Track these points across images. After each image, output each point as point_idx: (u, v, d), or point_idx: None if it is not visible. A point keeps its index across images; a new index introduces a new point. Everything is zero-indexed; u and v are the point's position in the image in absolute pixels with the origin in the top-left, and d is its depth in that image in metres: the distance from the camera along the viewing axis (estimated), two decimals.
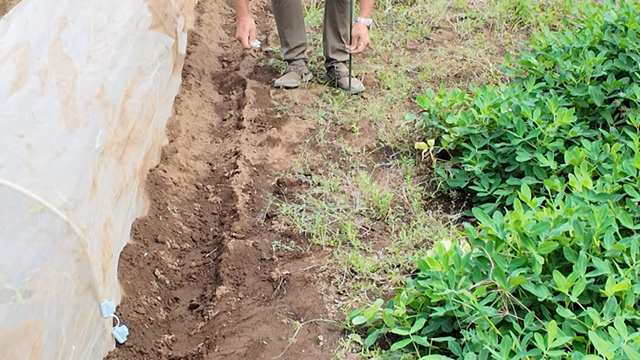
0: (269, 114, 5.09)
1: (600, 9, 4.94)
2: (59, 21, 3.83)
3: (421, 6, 6.92)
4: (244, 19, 5.30)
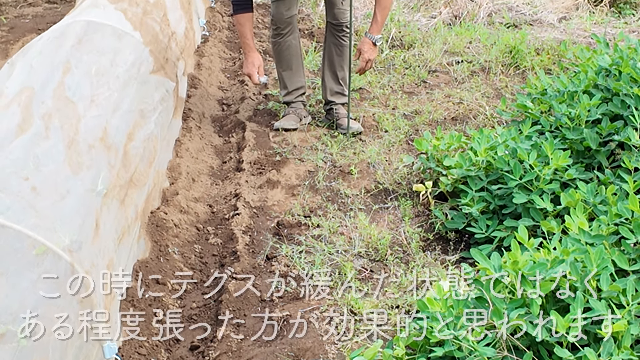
0: (269, 156, 5.14)
1: (594, 54, 5.02)
2: (63, 65, 3.90)
3: (418, 50, 7.01)
4: (251, 55, 5.37)
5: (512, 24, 7.87)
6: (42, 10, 8.40)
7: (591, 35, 6.49)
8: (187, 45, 6.34)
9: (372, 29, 5.24)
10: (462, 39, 7.23)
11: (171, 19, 5.91)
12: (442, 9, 8.14)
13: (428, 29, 7.65)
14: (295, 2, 5.45)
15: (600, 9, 8.21)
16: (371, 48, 5.27)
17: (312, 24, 7.80)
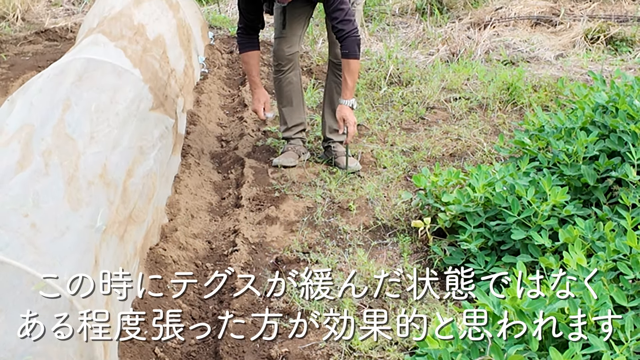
0: (267, 192, 5.16)
1: (591, 91, 5.05)
2: (63, 103, 3.92)
3: (416, 87, 7.05)
4: (258, 91, 5.42)
5: (510, 61, 7.92)
6: (42, 48, 8.45)
7: (588, 72, 6.53)
8: (187, 82, 6.38)
9: (345, 95, 5.19)
10: (460, 76, 7.27)
11: (171, 57, 5.95)
12: (439, 47, 8.19)
13: (426, 66, 7.69)
14: (297, 40, 5.49)
15: (597, 46, 8.26)
16: (351, 113, 5.23)
17: (310, 61, 7.85)
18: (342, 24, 5.03)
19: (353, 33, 5.05)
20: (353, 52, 5.08)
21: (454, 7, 9.59)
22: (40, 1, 10.14)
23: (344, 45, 5.08)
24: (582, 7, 9.43)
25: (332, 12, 5.04)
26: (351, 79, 5.15)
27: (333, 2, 5.02)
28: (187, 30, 6.98)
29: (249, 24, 5.29)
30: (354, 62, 5.10)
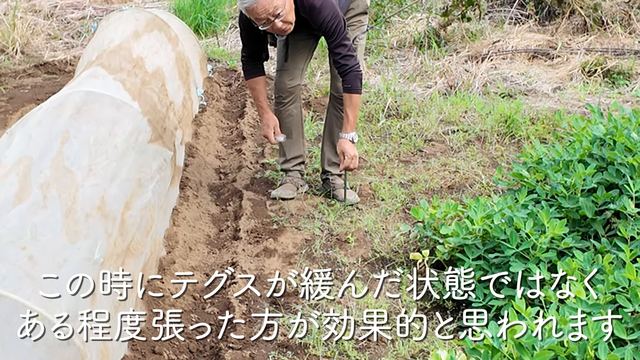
0: (266, 224, 5.15)
1: (589, 123, 5.06)
2: (61, 135, 3.93)
3: (414, 119, 7.07)
4: (267, 116, 5.44)
5: (507, 93, 7.95)
6: (41, 81, 8.48)
7: (585, 105, 6.56)
8: (185, 115, 6.40)
9: (346, 129, 5.21)
10: (458, 109, 7.29)
11: (169, 89, 5.97)
12: (437, 79, 8.23)
13: (424, 98, 7.72)
14: (299, 73, 5.51)
15: (594, 79, 8.30)
16: (351, 147, 5.24)
17: (308, 94, 7.88)
18: (345, 59, 5.05)
19: (355, 68, 5.08)
20: (355, 87, 5.10)
21: (451, 41, 9.64)
22: (39, 35, 10.19)
23: (346, 79, 5.10)
24: (578, 41, 9.48)
25: (335, 48, 5.06)
26: (352, 113, 5.17)
27: (336, 38, 5.04)
28: (186, 63, 7.01)
29: (251, 52, 5.31)
30: (355, 96, 5.13)
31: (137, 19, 6.77)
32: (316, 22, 4.99)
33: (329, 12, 4.96)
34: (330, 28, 4.99)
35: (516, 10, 10.48)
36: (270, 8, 4.75)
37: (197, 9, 10.41)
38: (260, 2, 4.71)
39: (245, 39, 5.27)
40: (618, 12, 9.93)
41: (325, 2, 4.96)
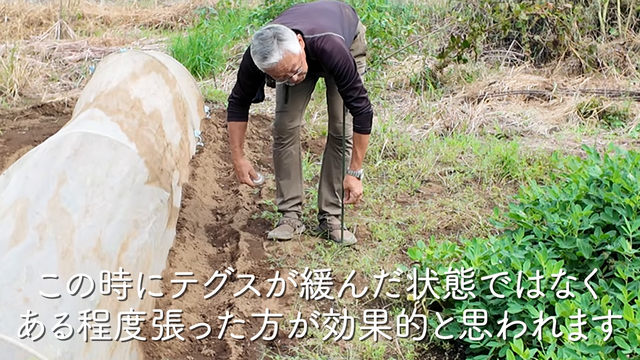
0: (262, 265, 5.14)
1: (585, 164, 5.07)
2: (58, 176, 3.93)
3: (411, 160, 7.09)
4: (240, 162, 5.43)
5: (504, 134, 7.98)
6: (38, 122, 8.50)
7: (582, 146, 6.57)
8: (182, 156, 6.41)
9: (354, 166, 5.26)
10: (454, 150, 7.31)
11: (167, 130, 5.99)
12: (434, 120, 8.26)
13: (420, 139, 7.75)
14: (299, 114, 5.53)
15: (590, 120, 8.34)
16: (358, 183, 5.29)
17: (305, 135, 7.90)
18: (357, 101, 5.07)
19: (366, 109, 5.11)
20: (365, 128, 5.15)
21: (447, 82, 9.69)
22: (37, 76, 10.23)
23: (358, 120, 5.14)
24: (574, 82, 9.53)
25: (347, 91, 5.07)
26: (361, 152, 5.22)
27: (348, 81, 5.04)
28: (184, 104, 7.04)
29: (245, 96, 5.31)
30: (365, 136, 5.19)
31: (134, 61, 6.80)
32: (328, 65, 5.01)
33: (340, 57, 4.99)
34: (342, 72, 5.01)
35: (512, 52, 10.55)
36: (289, 67, 4.82)
37: (195, 50, 10.47)
38: (280, 62, 4.78)
39: (242, 83, 5.27)
40: (613, 54, 10.00)
41: (336, 45, 4.99)
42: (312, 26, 5.02)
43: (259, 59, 4.81)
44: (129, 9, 14.29)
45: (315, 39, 4.98)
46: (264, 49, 4.77)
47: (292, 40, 4.81)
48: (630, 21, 10.69)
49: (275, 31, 4.80)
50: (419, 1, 13.68)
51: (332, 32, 5.03)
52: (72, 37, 12.13)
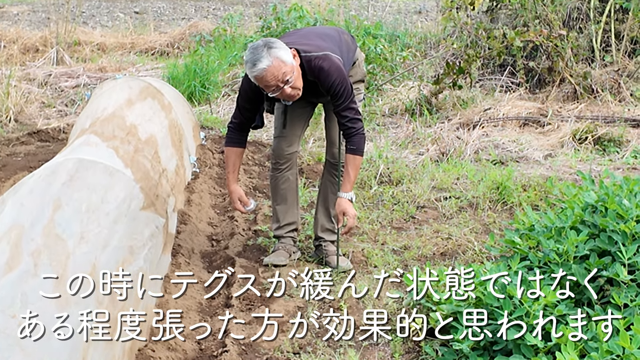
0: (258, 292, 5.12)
1: (580, 190, 5.08)
2: (53, 203, 3.93)
3: (406, 186, 7.09)
4: (234, 187, 5.41)
5: (499, 160, 7.99)
6: (34, 149, 8.50)
7: (577, 172, 6.59)
8: (178, 182, 6.41)
9: (346, 188, 5.23)
10: (450, 176, 7.32)
11: (162, 156, 5.99)
12: (429, 146, 8.27)
13: (416, 165, 7.76)
14: (296, 139, 5.53)
15: (585, 146, 8.36)
16: (351, 206, 5.26)
17: (301, 161, 7.90)
18: (352, 122, 5.09)
19: (361, 131, 5.12)
20: (359, 149, 5.15)
21: (443, 108, 9.72)
22: (33, 103, 10.25)
23: (352, 141, 5.13)
24: (569, 108, 9.56)
25: (342, 111, 5.09)
26: (354, 174, 5.20)
27: (344, 101, 5.06)
28: (179, 130, 7.05)
29: (244, 121, 5.30)
30: (358, 158, 5.18)
31: (130, 87, 6.82)
32: (324, 84, 5.03)
33: (337, 76, 5.00)
34: (338, 91, 5.02)
35: (507, 78, 10.60)
36: (279, 75, 4.81)
37: (191, 77, 10.50)
38: (269, 69, 4.78)
39: (242, 107, 5.27)
40: (608, 81, 10.04)
41: (333, 64, 5.00)
42: (309, 46, 5.05)
43: (249, 67, 4.83)
44: (125, 36, 14.34)
45: (312, 57, 4.99)
46: (254, 57, 4.79)
47: (284, 49, 4.83)
48: (624, 48, 10.74)
49: (266, 40, 4.85)
50: (414, 28, 13.76)
51: (330, 52, 5.05)
52: (68, 64, 12.17)
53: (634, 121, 9.06)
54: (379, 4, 16.63)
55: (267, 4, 16.43)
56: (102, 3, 19.20)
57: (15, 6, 18.11)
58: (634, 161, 7.96)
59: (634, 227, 4.34)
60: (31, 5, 18.38)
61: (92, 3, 18.93)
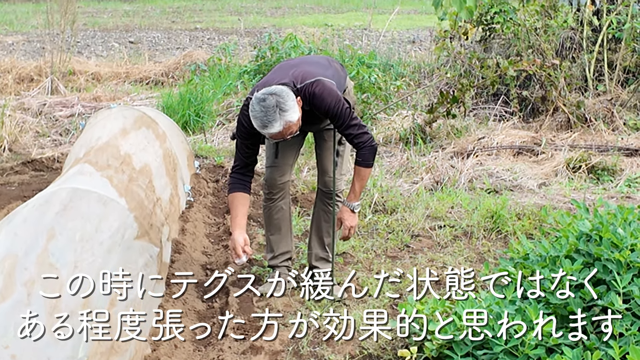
0: (252, 321, 5.11)
1: (574, 219, 5.08)
2: (47, 232, 3.92)
3: (401, 215, 7.09)
4: (239, 232, 5.25)
5: (493, 189, 8.00)
6: (28, 178, 8.49)
7: (571, 200, 6.58)
8: (172, 211, 6.40)
9: (350, 197, 5.30)
10: (444, 204, 7.33)
11: (157, 186, 5.99)
12: (423, 175, 8.28)
13: (410, 194, 7.76)
14: (289, 169, 5.54)
15: (579, 175, 8.37)
16: (351, 215, 5.31)
17: (295, 189, 7.91)
18: (358, 137, 5.11)
19: (369, 142, 5.14)
20: (367, 161, 5.18)
21: (437, 137, 9.74)
22: (28, 132, 10.24)
23: (361, 153, 5.17)
24: (563, 137, 9.59)
25: (345, 130, 5.12)
26: (359, 185, 5.24)
27: (344, 120, 5.08)
28: (174, 159, 7.05)
29: (246, 161, 5.27)
30: (366, 170, 5.21)
31: (125, 117, 6.83)
32: (321, 109, 5.05)
33: (332, 98, 5.02)
34: (336, 112, 5.04)
35: (500, 107, 10.63)
36: (286, 133, 4.87)
37: (185, 106, 10.51)
38: (280, 132, 4.83)
39: (242, 146, 5.23)
40: (601, 110, 10.08)
41: (325, 88, 5.03)
42: (301, 76, 5.06)
43: (258, 125, 4.82)
44: (119, 65, 14.36)
45: (306, 86, 5.01)
46: (265, 118, 4.78)
47: (293, 108, 4.83)
48: (617, 77, 10.79)
49: (277, 99, 4.80)
50: (408, 57, 13.81)
51: (322, 76, 5.06)
52: (63, 93, 12.18)
53: (628, 150, 9.08)
54: (372, 34, 16.71)
55: (261, 34, 16.50)
56: (97, 33, 19.27)
57: (10, 36, 18.17)
58: (627, 190, 7.97)
59: (629, 256, 4.33)
60: (26, 35, 18.44)
61: (87, 33, 19.00)
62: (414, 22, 20.75)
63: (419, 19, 21.66)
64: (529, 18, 10.61)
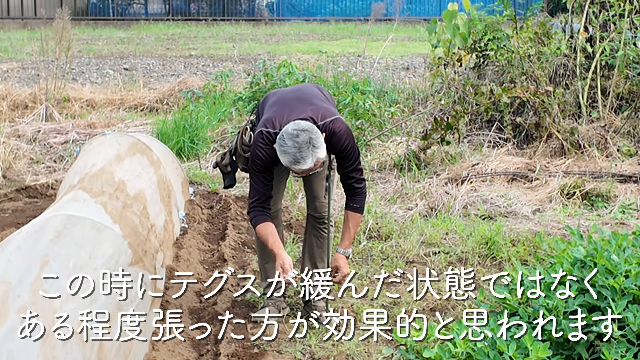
0: (247, 348, 5.09)
1: (569, 245, 5.09)
2: (41, 259, 3.92)
3: (395, 241, 7.09)
4: (282, 254, 5.22)
5: (487, 215, 8.00)
6: (22, 205, 8.48)
7: (565, 227, 6.59)
8: (166, 238, 6.39)
9: (346, 245, 5.37)
10: (439, 230, 7.33)
11: (151, 212, 5.98)
12: (418, 201, 8.28)
13: (405, 220, 7.76)
14: (280, 197, 5.56)
15: (573, 201, 8.38)
16: (346, 263, 5.39)
17: (290, 216, 7.91)
18: (358, 182, 5.28)
19: (364, 190, 5.35)
20: (361, 208, 5.35)
21: (431, 163, 9.76)
22: (22, 159, 10.24)
23: (355, 200, 5.32)
24: (557, 164, 9.61)
25: (351, 172, 5.25)
26: (354, 231, 5.38)
27: (353, 162, 5.23)
28: (168, 186, 7.05)
29: (266, 193, 5.28)
30: (361, 216, 5.39)
31: (119, 143, 6.83)
32: (336, 147, 5.16)
33: (348, 138, 5.16)
34: (349, 153, 5.18)
35: (494, 133, 10.65)
36: (315, 168, 4.97)
37: (180, 132, 10.53)
38: (311, 168, 4.92)
39: (260, 179, 5.23)
40: (595, 136, 10.11)
41: (344, 127, 5.16)
42: (321, 113, 5.14)
43: (289, 160, 4.87)
44: (114, 92, 14.38)
45: (326, 124, 5.10)
46: (299, 154, 4.84)
47: (323, 145, 4.93)
48: (610, 104, 10.83)
49: (309, 136, 4.86)
50: (402, 84, 13.86)
51: (338, 115, 5.21)
52: (58, 120, 12.18)
53: (622, 176, 9.10)
54: (367, 61, 16.78)
55: (255, 60, 16.56)
56: (92, 60, 19.31)
57: (4, 63, 18.20)
58: (622, 216, 7.98)
59: (623, 282, 4.34)
60: (21, 62, 18.47)
61: (82, 60, 19.04)
62: (408, 49, 20.83)
63: (412, 46, 21.74)
64: (522, 45, 10.67)
